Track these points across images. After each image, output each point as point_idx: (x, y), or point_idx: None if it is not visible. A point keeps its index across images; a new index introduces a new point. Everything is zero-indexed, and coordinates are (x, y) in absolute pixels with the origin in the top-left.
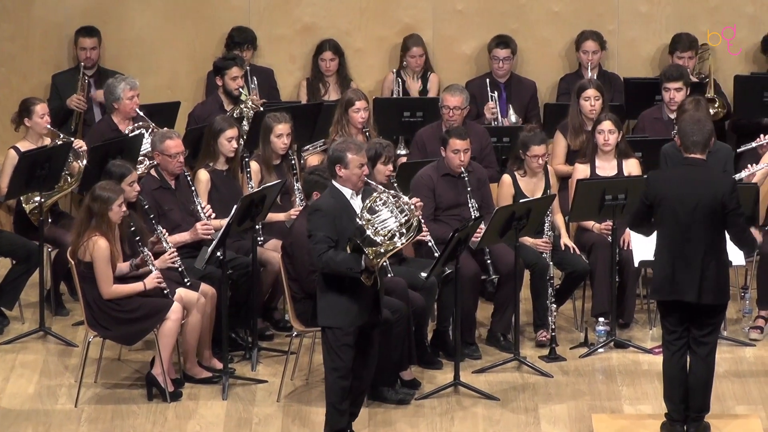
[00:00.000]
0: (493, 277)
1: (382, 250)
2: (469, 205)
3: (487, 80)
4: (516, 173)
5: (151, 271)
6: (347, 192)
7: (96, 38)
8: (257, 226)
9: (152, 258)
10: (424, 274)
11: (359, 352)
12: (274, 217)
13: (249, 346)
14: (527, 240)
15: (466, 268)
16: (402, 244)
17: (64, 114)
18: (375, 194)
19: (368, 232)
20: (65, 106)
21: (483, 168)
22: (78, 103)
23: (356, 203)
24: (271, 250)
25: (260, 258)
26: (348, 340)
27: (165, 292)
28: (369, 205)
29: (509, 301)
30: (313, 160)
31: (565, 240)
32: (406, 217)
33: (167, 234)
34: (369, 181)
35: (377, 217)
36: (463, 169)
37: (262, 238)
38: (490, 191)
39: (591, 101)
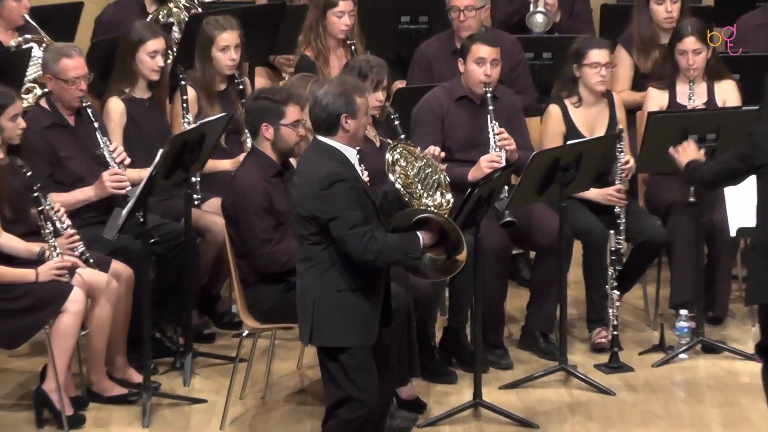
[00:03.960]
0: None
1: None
2: (492, 144)
3: None
4: (567, 102)
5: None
6: (350, 153)
7: None
8: (194, 179)
9: (57, 245)
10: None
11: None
12: (217, 165)
13: (181, 350)
14: (590, 192)
15: (491, 238)
16: (450, 203)
17: None
18: (393, 147)
19: (416, 196)
20: None
21: (514, 94)
22: None
23: (357, 165)
24: (213, 213)
25: (197, 225)
26: (369, 358)
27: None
28: (392, 159)
29: (552, 285)
30: (261, 81)
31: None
32: (435, 171)
33: (56, 196)
34: None
35: (410, 175)
36: (487, 89)
37: (199, 197)
38: (526, 127)
39: (667, 4)
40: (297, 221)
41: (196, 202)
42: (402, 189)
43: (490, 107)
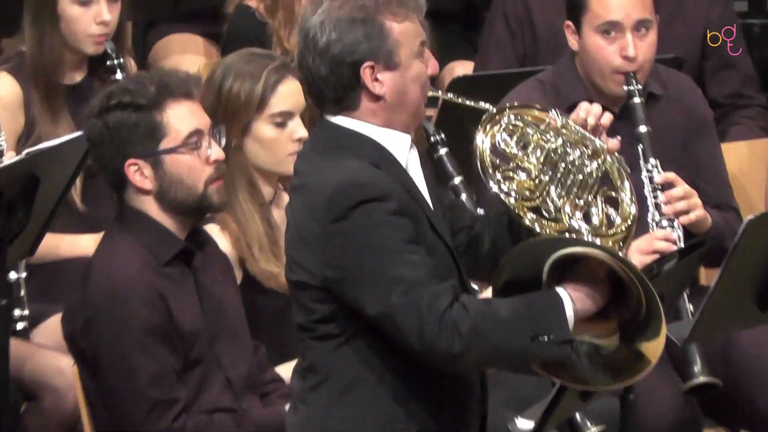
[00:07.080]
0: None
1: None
2: (650, 207)
3: None
4: None
5: None
6: (394, 141)
7: None
8: (15, 275)
9: None
10: (524, 426)
11: None
12: (64, 245)
13: None
14: None
15: (660, 400)
16: (633, 217)
17: None
18: (489, 119)
19: (551, 215)
20: None
21: (696, 87)
22: None
23: (415, 167)
24: (56, 350)
25: (21, 374)
26: None
27: None
28: (488, 148)
29: None
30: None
31: None
32: (590, 153)
33: None
34: None
35: (533, 171)
36: (632, 87)
37: (26, 313)
38: (723, 160)
39: None
40: (293, 292)
41: (19, 326)
42: (517, 204)
43: (643, 128)
